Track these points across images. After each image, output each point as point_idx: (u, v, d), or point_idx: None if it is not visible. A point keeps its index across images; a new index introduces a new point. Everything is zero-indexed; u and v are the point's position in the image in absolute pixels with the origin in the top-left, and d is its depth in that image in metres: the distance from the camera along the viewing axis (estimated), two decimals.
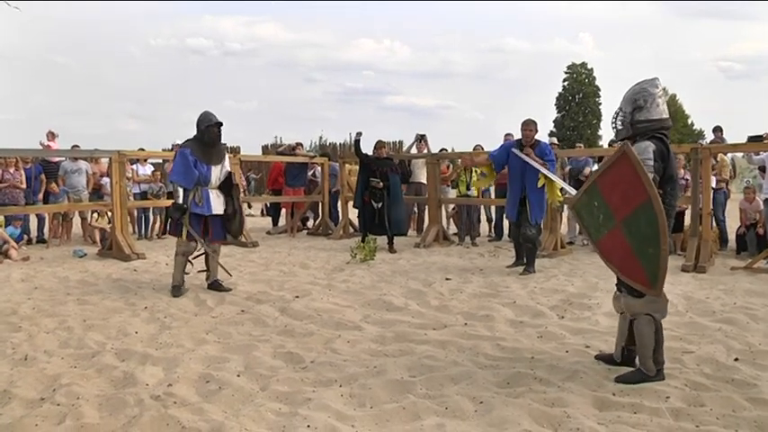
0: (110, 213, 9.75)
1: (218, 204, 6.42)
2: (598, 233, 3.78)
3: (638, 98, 3.76)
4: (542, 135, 9.61)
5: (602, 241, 3.76)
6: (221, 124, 6.41)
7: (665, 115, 3.80)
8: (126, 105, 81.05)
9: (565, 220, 10.66)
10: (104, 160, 11.11)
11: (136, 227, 11.78)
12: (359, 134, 10.05)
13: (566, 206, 8.93)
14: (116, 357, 4.25)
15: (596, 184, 3.74)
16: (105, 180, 11.03)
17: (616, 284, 3.97)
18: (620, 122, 3.88)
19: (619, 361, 3.97)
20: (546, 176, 7.18)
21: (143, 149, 11.84)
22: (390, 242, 9.69)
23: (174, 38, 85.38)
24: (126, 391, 3.58)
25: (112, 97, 79.61)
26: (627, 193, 3.49)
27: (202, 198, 6.30)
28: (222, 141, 6.55)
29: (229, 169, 6.63)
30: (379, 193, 9.58)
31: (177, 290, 6.34)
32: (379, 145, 10.04)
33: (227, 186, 6.50)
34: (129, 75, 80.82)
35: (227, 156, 6.65)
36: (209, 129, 6.32)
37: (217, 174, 6.43)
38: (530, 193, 7.36)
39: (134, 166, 11.55)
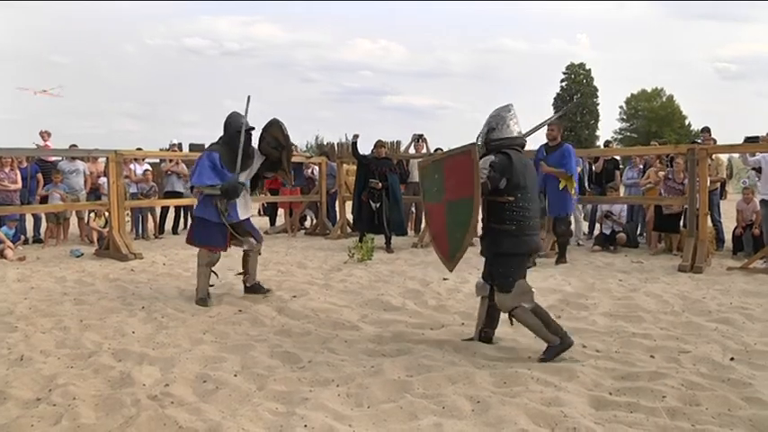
0: (107, 213, 9.72)
1: (244, 210, 6.01)
2: (430, 198, 4.54)
3: (492, 121, 4.38)
4: (540, 135, 9.80)
5: (431, 206, 4.58)
6: (253, 129, 5.90)
7: (516, 134, 4.37)
8: (124, 105, 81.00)
9: None
10: (102, 160, 11.09)
11: (133, 227, 11.76)
12: (356, 136, 10.04)
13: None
14: (113, 357, 4.25)
15: (442, 163, 4.40)
16: (103, 180, 11.01)
17: (483, 273, 4.52)
18: (480, 140, 4.42)
19: (477, 340, 4.52)
20: (563, 176, 8.08)
21: (140, 149, 11.82)
22: (388, 242, 9.70)
23: (172, 38, 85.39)
24: (123, 391, 3.58)
25: (110, 97, 79.63)
26: (459, 183, 4.14)
27: (227, 206, 5.81)
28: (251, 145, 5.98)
29: (254, 171, 6.10)
30: (378, 194, 9.57)
31: (203, 301, 5.90)
32: (379, 144, 10.03)
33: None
34: (127, 74, 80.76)
35: (257, 157, 6.05)
36: (238, 135, 5.77)
37: (245, 178, 5.96)
38: (549, 191, 8.12)
39: (132, 166, 11.53)
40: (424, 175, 4.65)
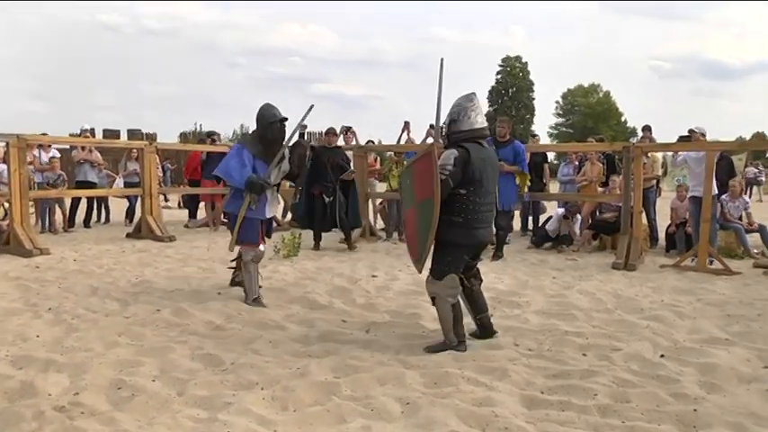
0: (7, 204, 9.02)
1: (273, 207, 5.83)
2: (406, 204, 4.64)
3: (453, 113, 4.33)
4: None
5: (406, 212, 4.67)
6: (285, 120, 5.71)
7: (477, 126, 4.31)
8: (28, 84, 75.94)
9: None
10: (1, 145, 10.22)
11: (38, 219, 11.04)
12: (304, 126, 9.60)
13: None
14: (11, 365, 3.90)
15: (411, 168, 4.50)
16: (2, 168, 10.15)
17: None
18: (442, 132, 4.42)
19: (479, 334, 4.56)
20: (519, 173, 8.38)
21: (45, 134, 11.10)
22: (348, 238, 9.23)
23: (84, 11, 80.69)
24: (22, 403, 3.29)
25: (7, 74, 74.13)
26: (423, 184, 4.20)
27: (257, 201, 5.53)
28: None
29: (287, 169, 5.81)
30: (332, 188, 9.00)
31: (258, 302, 5.59)
32: (330, 132, 9.49)
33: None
34: (32, 50, 75.44)
35: (286, 152, 5.76)
36: (272, 125, 5.62)
37: (276, 173, 5.70)
38: (501, 185, 8.13)
39: (36, 152, 10.78)
40: (400, 182, 4.70)
